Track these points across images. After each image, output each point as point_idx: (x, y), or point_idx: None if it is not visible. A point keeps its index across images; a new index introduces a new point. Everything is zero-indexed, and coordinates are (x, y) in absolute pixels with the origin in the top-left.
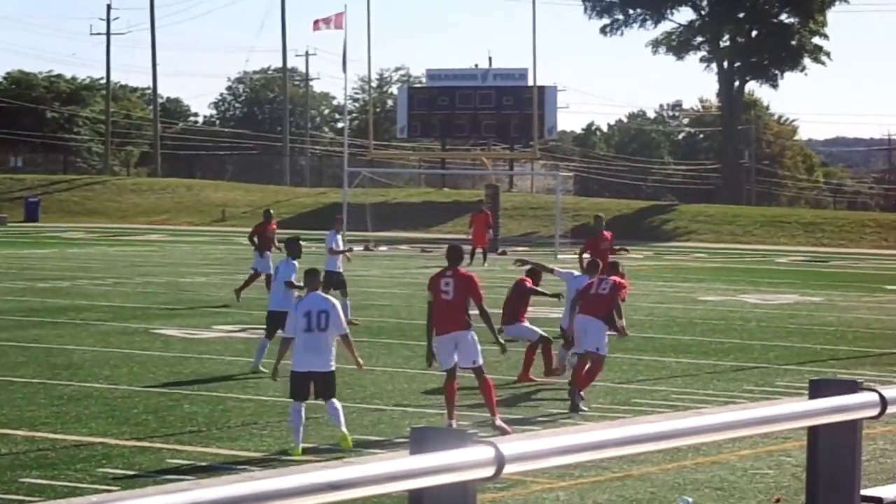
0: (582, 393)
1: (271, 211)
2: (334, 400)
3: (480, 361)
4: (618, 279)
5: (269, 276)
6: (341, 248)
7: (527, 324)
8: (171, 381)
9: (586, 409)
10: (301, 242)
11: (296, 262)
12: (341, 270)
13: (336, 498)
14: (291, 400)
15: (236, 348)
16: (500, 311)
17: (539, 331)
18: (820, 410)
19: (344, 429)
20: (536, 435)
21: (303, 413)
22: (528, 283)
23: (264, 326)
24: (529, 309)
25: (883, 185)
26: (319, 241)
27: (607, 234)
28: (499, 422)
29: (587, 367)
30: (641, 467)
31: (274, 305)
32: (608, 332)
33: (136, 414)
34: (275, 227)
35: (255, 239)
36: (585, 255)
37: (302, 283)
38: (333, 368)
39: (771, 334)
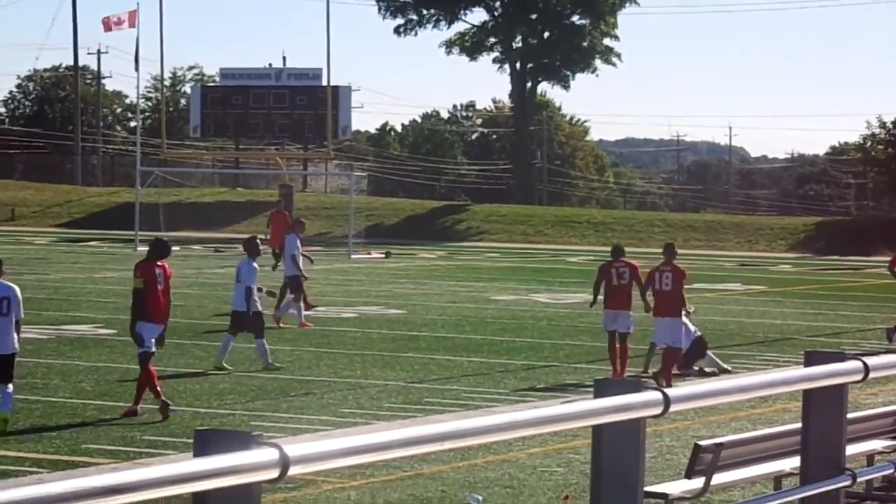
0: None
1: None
2: (9, 386)
3: None
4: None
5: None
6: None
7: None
8: None
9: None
10: (259, 241)
11: (255, 264)
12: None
13: (118, 502)
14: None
15: (25, 349)
16: None
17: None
18: (604, 409)
19: (7, 412)
20: (325, 436)
21: None
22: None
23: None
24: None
25: (672, 186)
26: (113, 241)
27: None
28: None
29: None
30: (432, 466)
31: (238, 305)
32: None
33: None
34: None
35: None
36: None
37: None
38: (14, 352)
39: (561, 333)
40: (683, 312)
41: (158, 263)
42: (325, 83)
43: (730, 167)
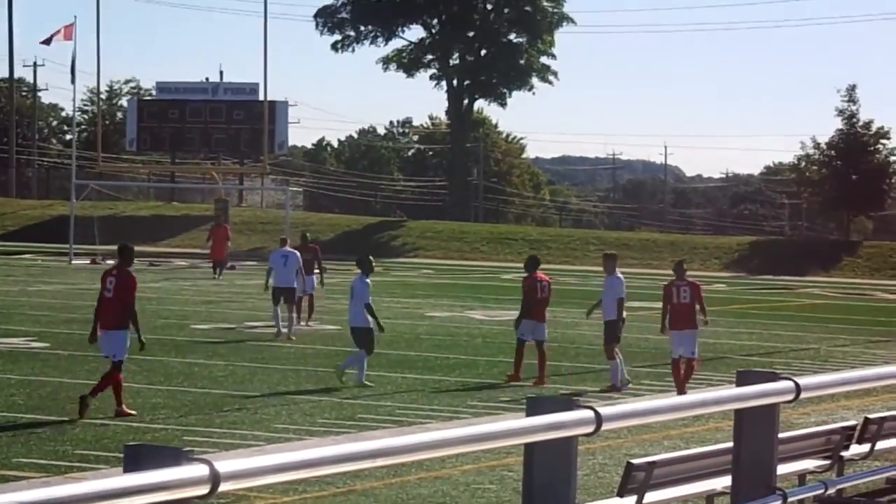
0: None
1: (308, 234)
2: None
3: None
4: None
5: (310, 297)
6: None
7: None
8: None
9: None
10: (371, 258)
11: (369, 280)
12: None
13: None
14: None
15: None
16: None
17: None
18: (536, 427)
19: None
20: (256, 451)
21: None
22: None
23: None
24: None
25: (607, 204)
26: (47, 254)
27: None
28: None
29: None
30: (365, 482)
31: (357, 322)
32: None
33: None
34: (316, 249)
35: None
36: None
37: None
38: None
39: (496, 350)
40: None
41: (113, 273)
42: (262, 98)
43: (665, 186)
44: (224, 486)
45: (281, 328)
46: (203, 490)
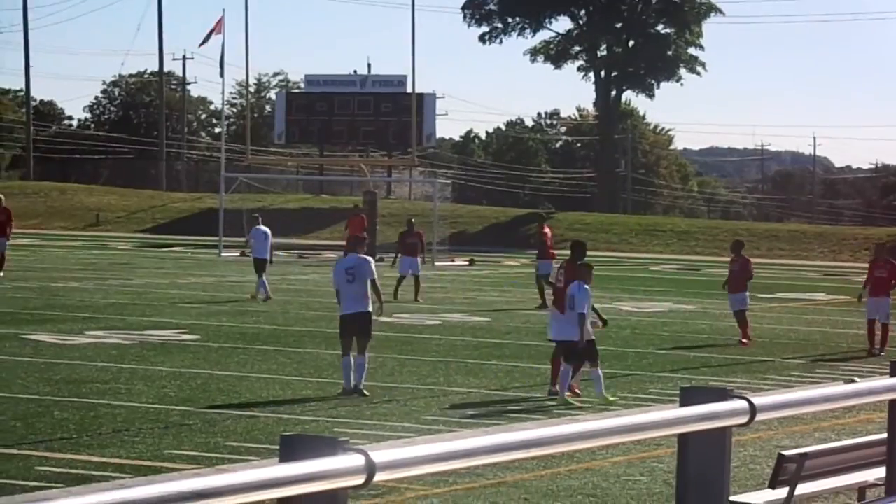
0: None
1: (413, 220)
2: None
3: None
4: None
5: (416, 279)
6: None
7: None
8: (41, 387)
9: None
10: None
11: (588, 287)
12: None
13: None
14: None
15: (109, 354)
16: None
17: None
18: (690, 418)
19: None
20: (409, 442)
21: None
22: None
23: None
24: None
25: (755, 195)
26: (197, 247)
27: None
28: None
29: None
30: (515, 474)
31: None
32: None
33: (3, 421)
34: (420, 234)
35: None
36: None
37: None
38: None
39: (645, 342)
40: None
41: None
42: (409, 90)
43: (814, 177)
44: (379, 476)
45: (269, 294)
46: (359, 480)
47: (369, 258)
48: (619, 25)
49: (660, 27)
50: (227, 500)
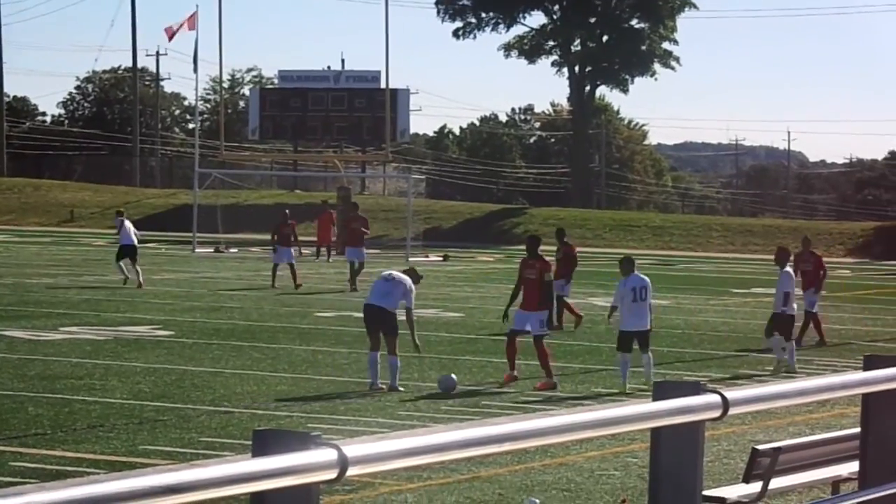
0: None
1: (287, 211)
2: None
3: None
4: None
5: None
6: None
7: None
8: (15, 383)
9: None
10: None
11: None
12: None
13: (176, 501)
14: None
15: (83, 350)
16: None
17: None
18: (662, 412)
19: None
20: (382, 437)
21: None
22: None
23: None
24: None
25: (730, 190)
26: (171, 243)
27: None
28: None
29: None
30: (489, 469)
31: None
32: None
33: None
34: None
35: (274, 236)
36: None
37: None
38: None
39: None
40: None
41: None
42: (383, 86)
43: (788, 172)
44: (352, 471)
45: (132, 277)
46: (331, 475)
47: (413, 288)
48: (592, 20)
49: (633, 22)
50: (199, 494)
